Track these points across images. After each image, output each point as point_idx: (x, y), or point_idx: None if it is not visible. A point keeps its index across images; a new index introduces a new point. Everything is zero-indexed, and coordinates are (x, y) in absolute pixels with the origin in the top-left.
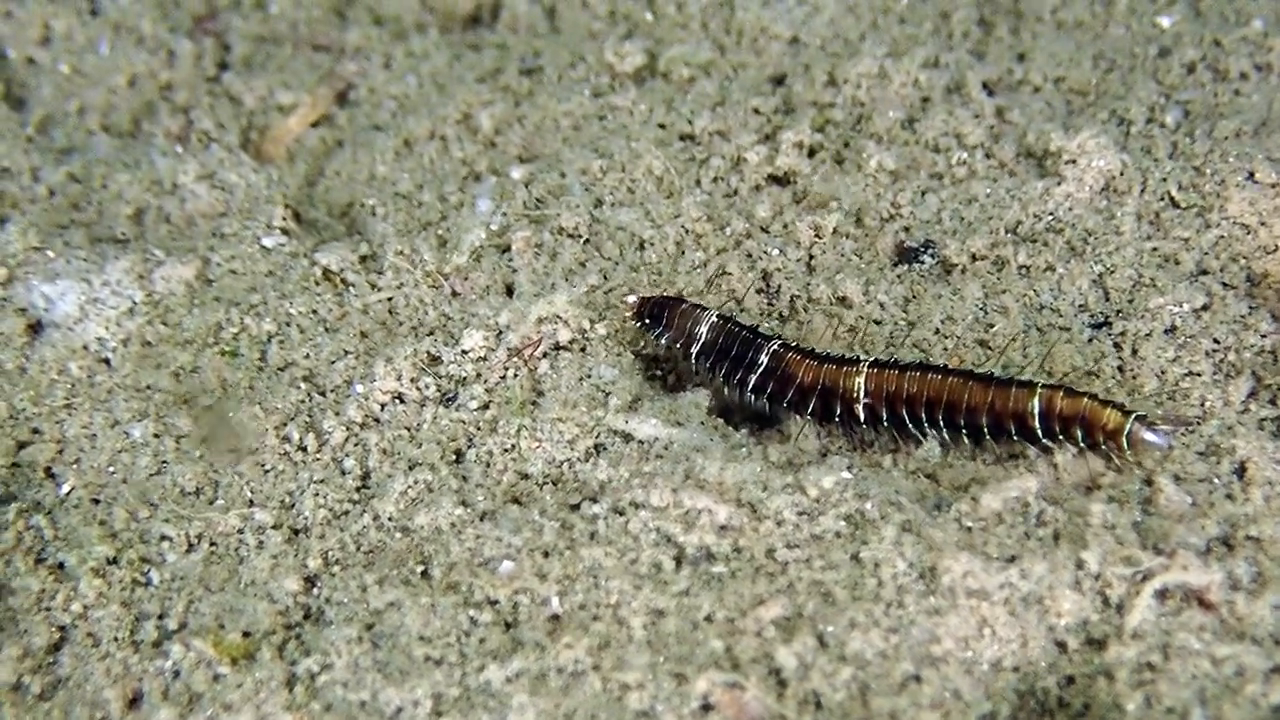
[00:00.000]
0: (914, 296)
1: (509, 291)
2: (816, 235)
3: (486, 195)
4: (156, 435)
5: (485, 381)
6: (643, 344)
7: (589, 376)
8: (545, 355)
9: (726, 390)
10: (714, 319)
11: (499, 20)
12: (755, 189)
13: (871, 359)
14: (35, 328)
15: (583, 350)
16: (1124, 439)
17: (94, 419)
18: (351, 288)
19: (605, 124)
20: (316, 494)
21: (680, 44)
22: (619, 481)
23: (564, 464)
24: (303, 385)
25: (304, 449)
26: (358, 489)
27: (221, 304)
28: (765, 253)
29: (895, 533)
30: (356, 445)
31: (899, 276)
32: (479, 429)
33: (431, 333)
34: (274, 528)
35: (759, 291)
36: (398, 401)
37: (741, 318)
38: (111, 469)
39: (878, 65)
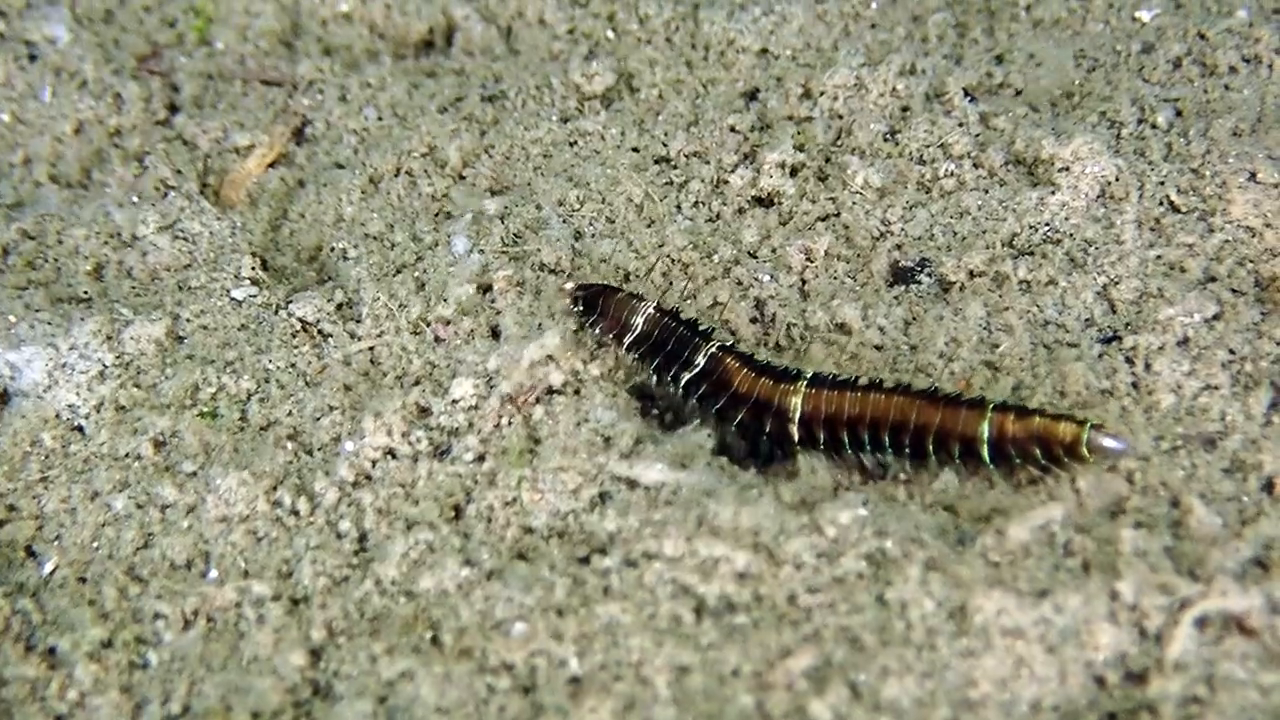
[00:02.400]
0: (914, 319)
1: (494, 334)
2: (808, 259)
3: (462, 233)
4: (140, 506)
5: (479, 432)
6: (636, 376)
7: (587, 420)
8: (539, 400)
9: (658, 385)
10: (650, 311)
11: (453, 44)
12: (739, 212)
13: (811, 375)
14: (2, 397)
15: (577, 393)
16: (1084, 450)
17: (72, 492)
18: (330, 339)
19: (577, 150)
20: (314, 560)
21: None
22: (629, 531)
23: (569, 515)
24: (289, 445)
25: (296, 513)
26: (356, 552)
27: (196, 363)
28: (756, 279)
29: (920, 571)
30: (350, 506)
31: (896, 298)
32: (477, 482)
33: (418, 383)
34: (273, 599)
35: (753, 321)
36: (389, 458)
37: (740, 348)
38: (96, 544)
39: (854, 75)
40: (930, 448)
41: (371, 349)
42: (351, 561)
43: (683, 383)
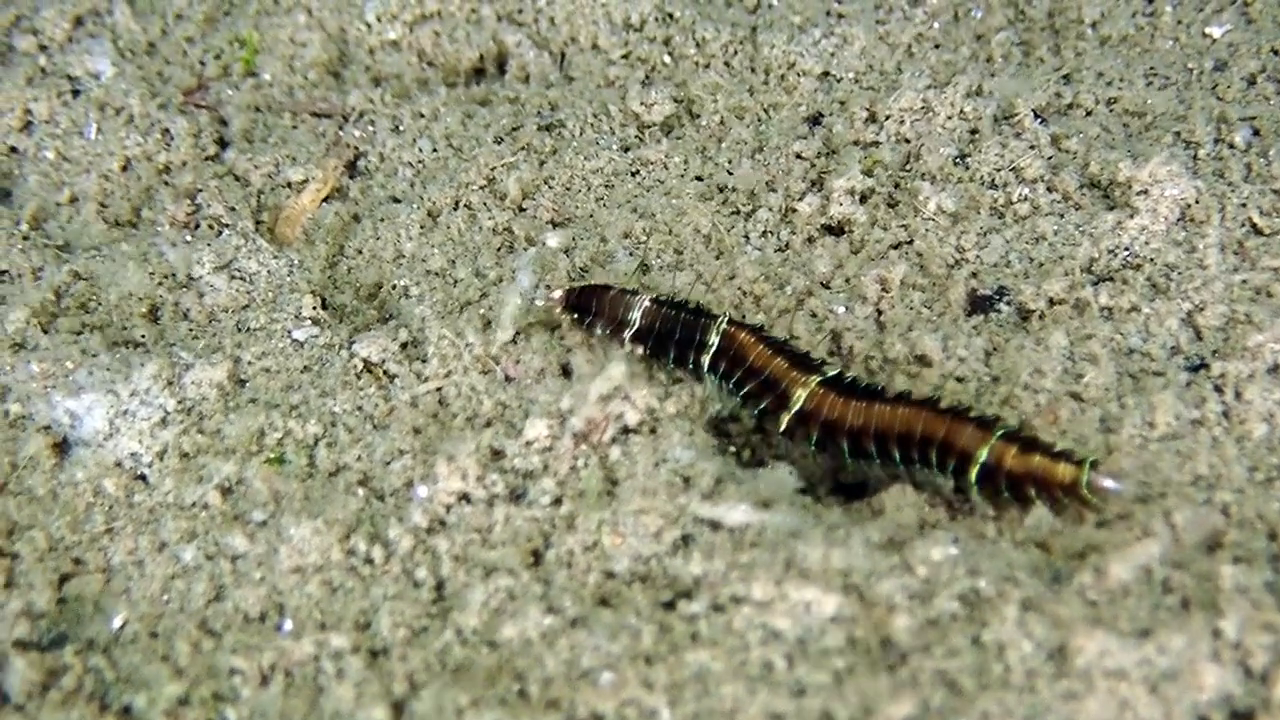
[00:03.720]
0: (995, 349)
1: (565, 372)
2: (883, 289)
3: (526, 267)
4: (210, 557)
5: (555, 474)
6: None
7: (665, 460)
8: (615, 440)
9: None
10: (646, 304)
11: (506, 71)
12: (809, 241)
13: (827, 375)
14: (62, 447)
15: (653, 432)
16: (1084, 490)
17: (139, 543)
18: (396, 380)
19: (640, 180)
20: (392, 611)
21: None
22: (715, 575)
23: (651, 559)
24: (360, 491)
25: (371, 562)
26: (434, 601)
27: (259, 407)
28: (831, 311)
29: (1017, 611)
30: (426, 553)
31: (976, 328)
32: (555, 526)
33: (490, 424)
34: (352, 651)
35: (831, 354)
36: (464, 502)
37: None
38: (166, 597)
39: (920, 98)
40: (930, 460)
41: (439, 389)
42: (430, 611)
43: (706, 365)
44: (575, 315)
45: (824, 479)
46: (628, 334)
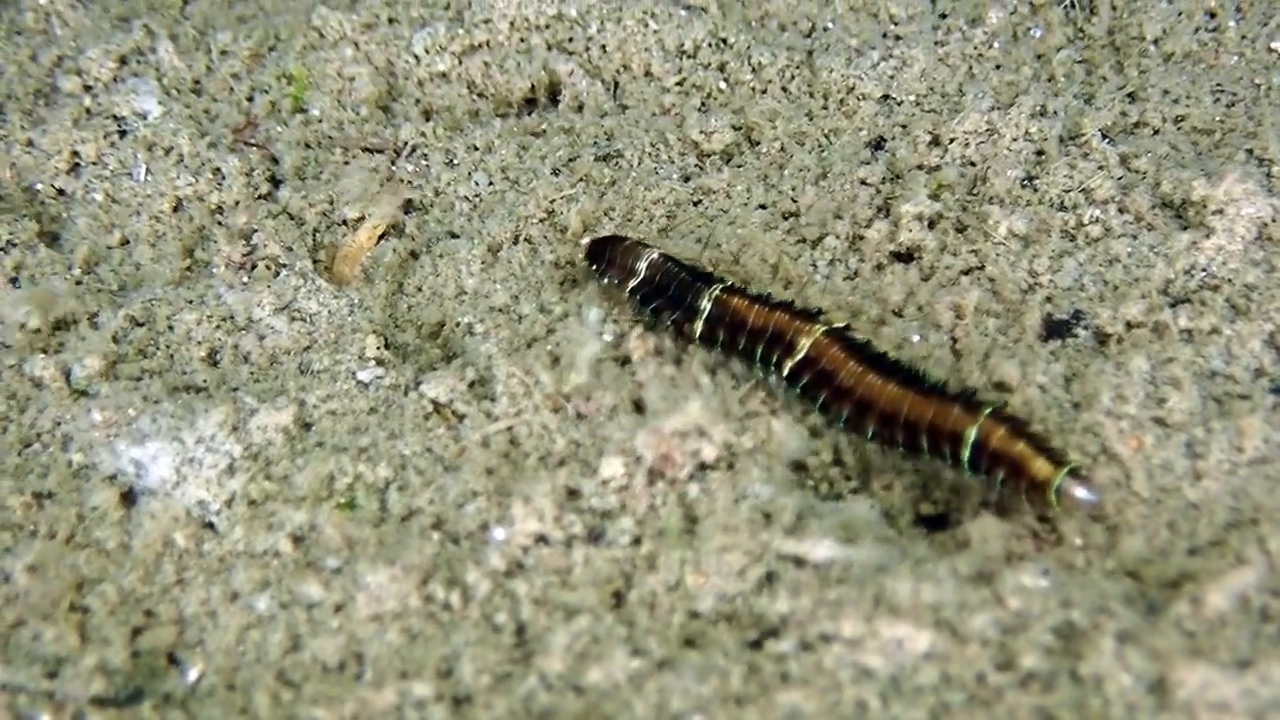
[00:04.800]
0: (1075, 375)
1: (638, 408)
2: (957, 315)
3: (593, 302)
4: (284, 606)
5: (633, 513)
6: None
7: (745, 496)
8: (693, 477)
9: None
10: (654, 256)
11: (559, 101)
12: (877, 268)
13: (831, 326)
14: (128, 496)
15: (731, 467)
16: (1051, 495)
17: (211, 593)
18: (466, 420)
19: (702, 210)
20: (473, 657)
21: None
22: (803, 612)
23: (736, 597)
24: (434, 535)
25: (449, 607)
26: (515, 646)
27: (327, 451)
28: (906, 339)
29: (1113, 644)
30: (505, 597)
31: (1054, 353)
32: (636, 566)
33: (563, 463)
34: (435, 700)
35: None
36: (542, 544)
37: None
38: (241, 648)
39: (984, 120)
40: (921, 438)
41: (510, 429)
42: (512, 656)
43: (699, 332)
44: (592, 264)
45: (905, 510)
46: (632, 283)
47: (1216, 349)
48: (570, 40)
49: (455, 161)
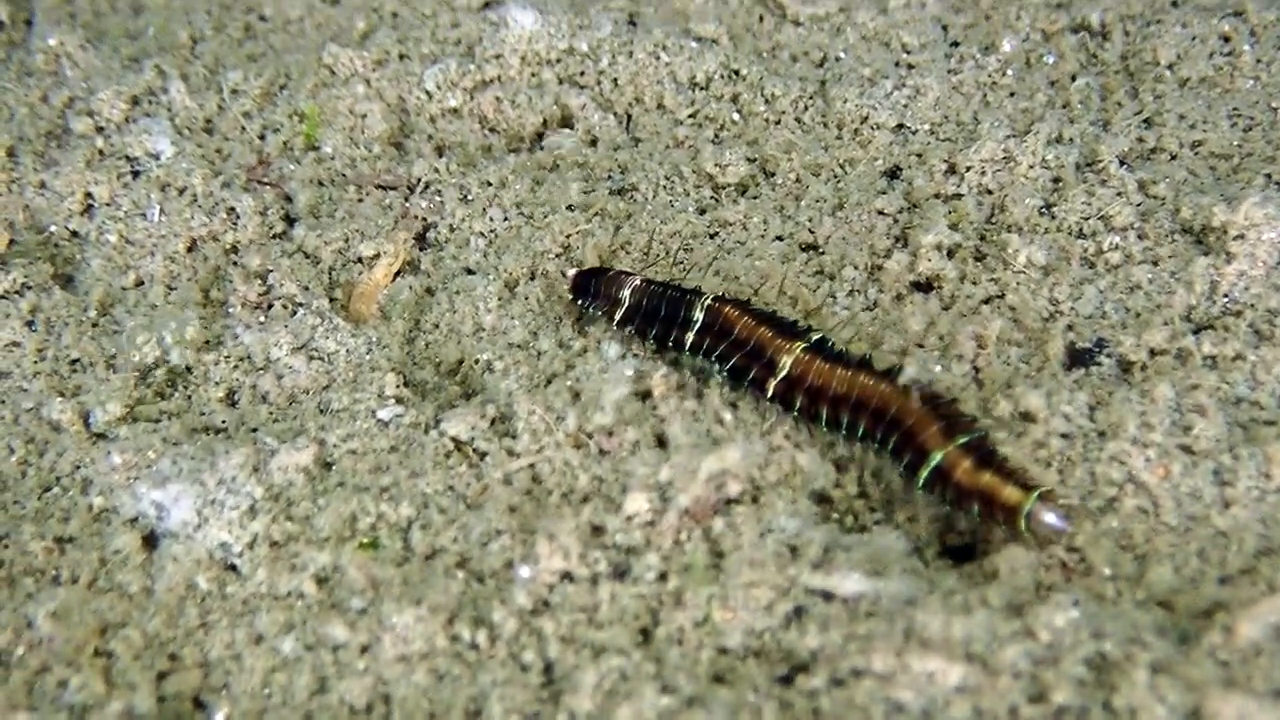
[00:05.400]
0: (1099, 403)
1: (660, 443)
2: (979, 345)
3: (611, 338)
4: (310, 648)
5: (658, 549)
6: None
7: (771, 530)
8: (717, 511)
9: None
10: (636, 283)
11: (572, 134)
12: (897, 299)
13: (815, 339)
14: (150, 540)
15: (755, 501)
16: (1021, 521)
17: (235, 636)
18: (487, 457)
19: (720, 242)
20: (502, 697)
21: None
22: (832, 647)
23: (765, 632)
24: (459, 574)
25: (476, 647)
26: (543, 685)
27: (349, 491)
28: (927, 370)
29: (1146, 675)
30: (532, 635)
31: (1078, 382)
32: (663, 603)
33: (587, 499)
34: None
35: None
36: (567, 581)
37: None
38: (267, 691)
39: (1001, 148)
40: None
41: (532, 466)
42: (540, 695)
43: (688, 343)
44: (577, 298)
45: (931, 542)
46: (619, 313)
47: (1241, 375)
48: (582, 74)
49: (469, 197)
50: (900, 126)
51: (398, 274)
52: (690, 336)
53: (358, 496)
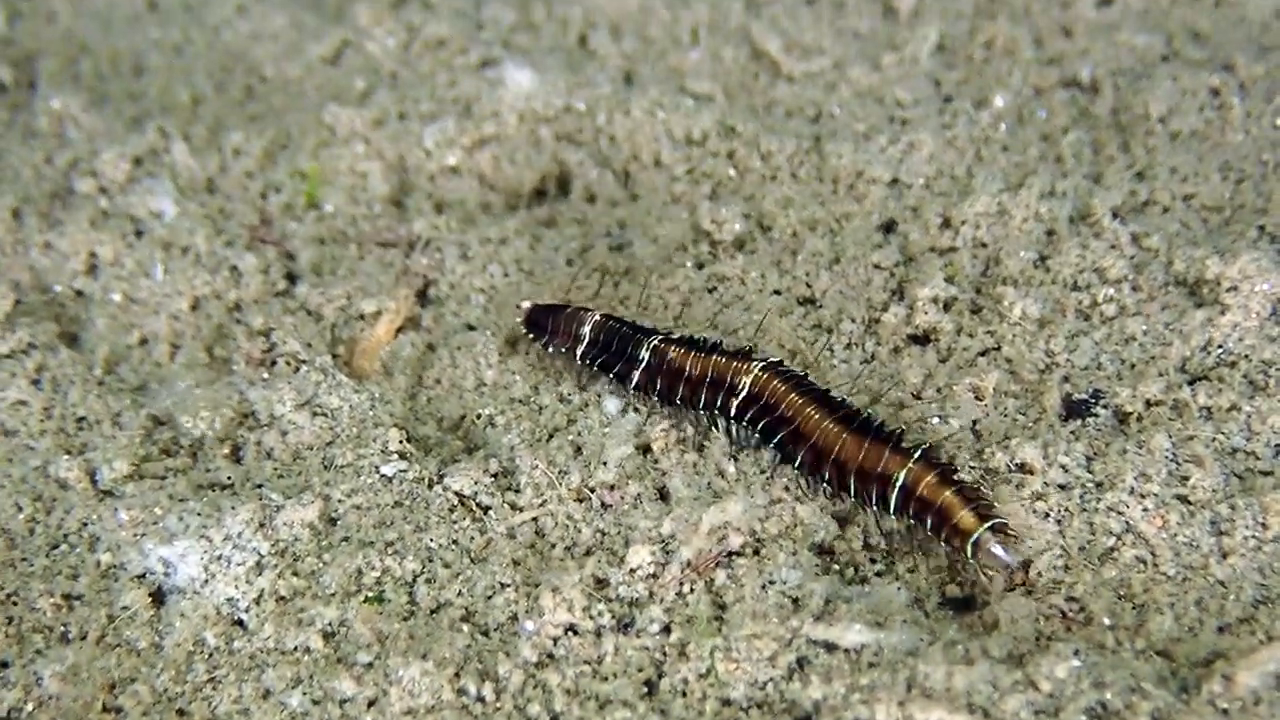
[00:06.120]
0: (1096, 454)
1: (662, 496)
2: (977, 397)
3: (612, 393)
4: (317, 702)
5: (661, 601)
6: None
7: (772, 582)
8: (719, 564)
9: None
10: (597, 318)
11: (570, 192)
12: (894, 351)
13: (766, 360)
14: (158, 596)
15: (757, 554)
16: (970, 545)
17: (243, 691)
18: (490, 511)
19: (718, 296)
20: None
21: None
22: (835, 698)
23: (768, 684)
24: (464, 627)
25: (483, 700)
26: None
27: (354, 546)
28: (926, 422)
29: None
30: (538, 688)
31: (1074, 433)
32: (666, 655)
33: (590, 553)
34: None
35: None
36: (571, 634)
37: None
38: None
39: (995, 202)
40: (850, 477)
41: (536, 519)
42: None
43: (634, 382)
44: (531, 333)
45: (931, 593)
46: (580, 349)
47: (1237, 425)
48: (579, 131)
49: (469, 254)
50: (895, 181)
51: (399, 330)
52: (637, 375)
53: (363, 551)
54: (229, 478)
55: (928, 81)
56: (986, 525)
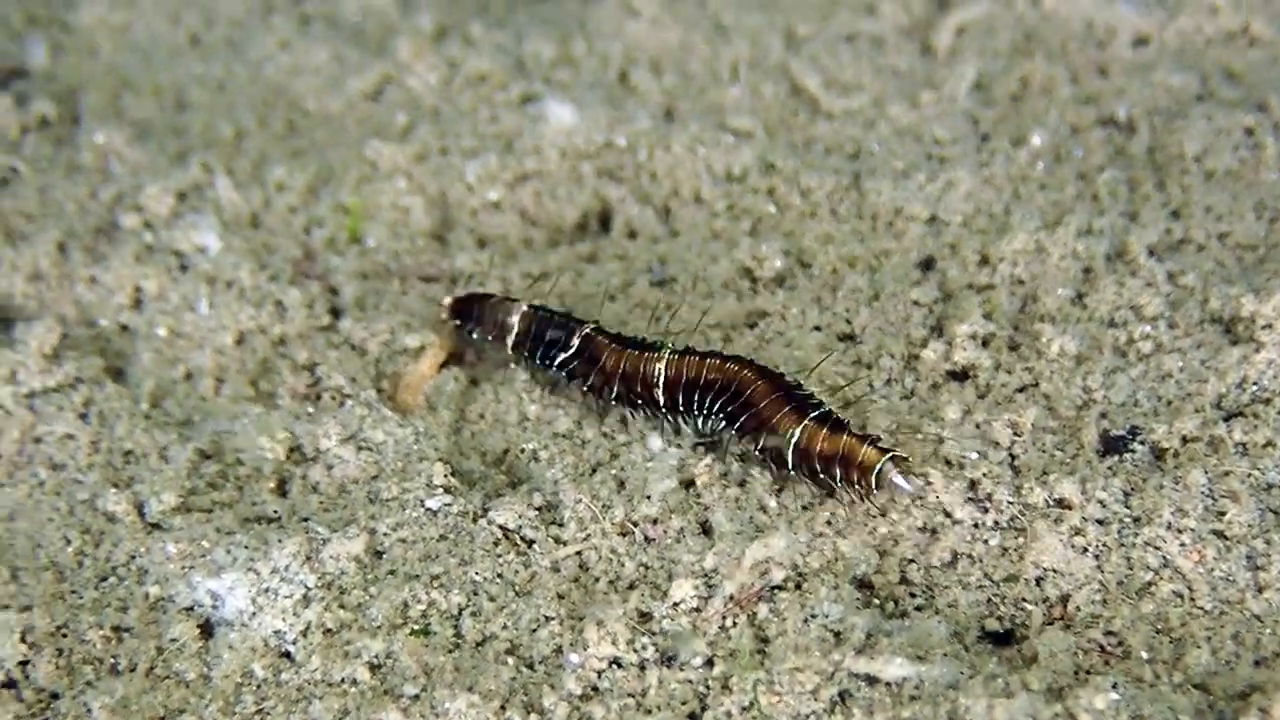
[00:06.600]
0: (1133, 490)
1: (705, 530)
2: (1015, 433)
3: (654, 429)
4: None
5: (704, 635)
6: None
7: (814, 616)
8: (762, 598)
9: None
10: (524, 309)
11: (610, 228)
12: (933, 388)
13: (673, 346)
14: (206, 628)
15: (799, 588)
16: (873, 478)
17: None
18: (535, 545)
19: (759, 332)
20: None
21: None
22: None
23: (810, 717)
24: (509, 660)
25: None
26: None
27: (400, 579)
28: (965, 457)
29: None
30: None
31: (1111, 469)
32: (709, 688)
33: (633, 586)
34: None
35: (968, 501)
36: (615, 667)
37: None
38: None
39: (1032, 239)
40: (754, 434)
41: (579, 553)
42: None
43: (558, 362)
44: (458, 322)
45: (970, 626)
46: (510, 339)
47: (1272, 461)
48: (620, 168)
49: (511, 289)
50: (933, 218)
51: (443, 365)
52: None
53: (409, 584)
54: (275, 511)
55: (965, 120)
56: (888, 457)
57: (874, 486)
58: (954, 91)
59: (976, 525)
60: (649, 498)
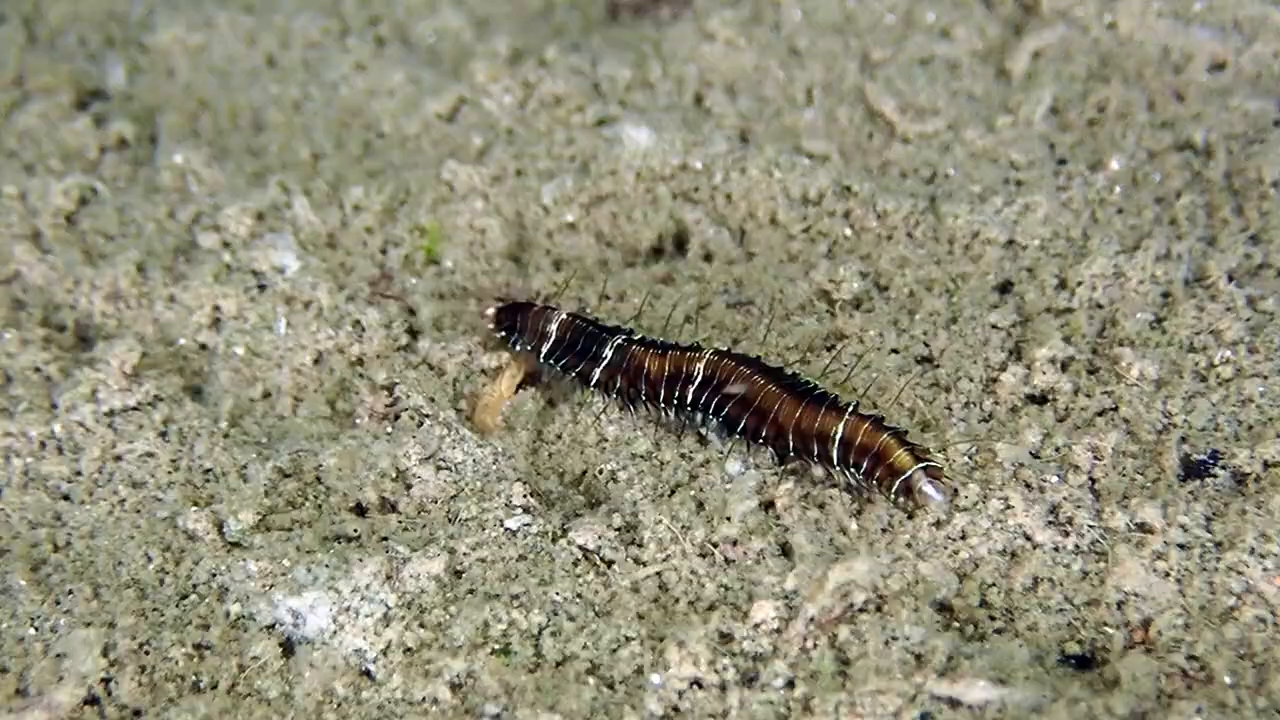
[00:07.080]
0: (1215, 514)
1: (785, 552)
2: (1096, 457)
3: (734, 453)
4: None
5: (785, 656)
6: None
7: (895, 638)
8: (843, 620)
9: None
10: (563, 317)
11: (686, 250)
12: (1012, 411)
13: (713, 350)
14: (287, 646)
15: (879, 610)
16: (902, 482)
17: None
18: (614, 566)
19: (836, 355)
20: None
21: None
22: None
23: None
24: (590, 680)
25: None
26: None
27: (480, 598)
28: (1045, 481)
29: None
30: None
31: (1193, 494)
32: (790, 709)
33: (713, 607)
34: None
35: (1049, 524)
36: (696, 688)
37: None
38: None
39: (1111, 263)
40: (791, 439)
41: (659, 574)
42: None
43: (594, 380)
44: (501, 331)
45: (1051, 650)
46: (546, 346)
47: None
48: (696, 190)
49: (587, 310)
50: (1011, 242)
51: (521, 386)
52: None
53: (489, 604)
54: (355, 530)
55: (1042, 144)
56: (921, 465)
57: (903, 491)
58: (1030, 115)
59: (1057, 549)
60: (729, 519)
